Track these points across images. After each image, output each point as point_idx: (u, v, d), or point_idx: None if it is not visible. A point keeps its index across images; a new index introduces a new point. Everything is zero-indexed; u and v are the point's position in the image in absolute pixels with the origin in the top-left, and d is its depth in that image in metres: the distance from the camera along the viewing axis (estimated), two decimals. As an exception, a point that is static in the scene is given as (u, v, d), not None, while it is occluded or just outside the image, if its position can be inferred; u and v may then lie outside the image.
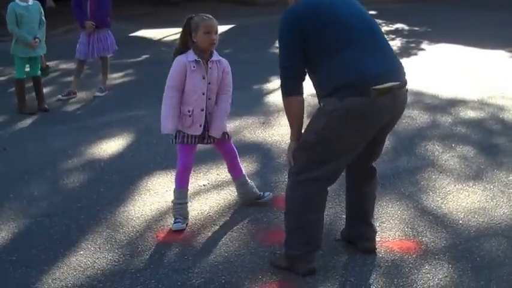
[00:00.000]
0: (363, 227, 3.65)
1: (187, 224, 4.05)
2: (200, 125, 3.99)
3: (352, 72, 3.11)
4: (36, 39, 6.96)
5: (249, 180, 4.37)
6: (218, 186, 4.75)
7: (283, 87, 3.32)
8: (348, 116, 3.11)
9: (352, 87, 3.08)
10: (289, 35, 3.23)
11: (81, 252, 3.75)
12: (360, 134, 3.21)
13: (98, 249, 3.78)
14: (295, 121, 3.38)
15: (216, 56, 4.04)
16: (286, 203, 3.45)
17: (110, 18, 8.01)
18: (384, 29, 14.02)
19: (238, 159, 4.33)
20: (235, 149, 4.31)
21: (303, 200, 3.33)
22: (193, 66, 3.93)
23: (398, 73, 3.26)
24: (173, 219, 4.07)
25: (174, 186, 4.15)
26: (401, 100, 3.29)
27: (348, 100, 3.08)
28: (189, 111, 3.96)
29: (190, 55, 3.94)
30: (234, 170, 4.32)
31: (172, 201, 4.12)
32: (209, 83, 4.00)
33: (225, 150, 4.28)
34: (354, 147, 3.26)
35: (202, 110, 3.98)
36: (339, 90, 3.11)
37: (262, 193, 4.38)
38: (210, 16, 3.98)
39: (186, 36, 3.97)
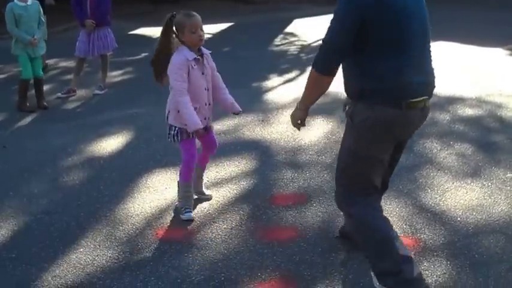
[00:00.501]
0: None
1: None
2: (205, 118, 4.08)
3: (395, 78, 2.95)
4: (35, 38, 6.97)
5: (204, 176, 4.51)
6: (217, 184, 4.76)
7: (319, 61, 3.04)
8: (377, 127, 3.02)
9: (387, 95, 2.95)
10: (350, 11, 2.91)
11: (81, 249, 3.76)
12: (386, 145, 3.14)
13: (98, 247, 3.79)
14: (312, 96, 3.22)
15: (204, 50, 4.09)
16: (357, 237, 3.31)
17: (110, 16, 8.02)
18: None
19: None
20: (216, 140, 4.39)
21: (368, 225, 3.20)
22: (194, 65, 3.96)
23: (432, 88, 3.15)
24: (181, 209, 4.11)
25: (178, 180, 4.19)
26: (426, 113, 3.19)
27: (379, 109, 2.97)
28: (195, 109, 3.98)
29: (189, 53, 3.95)
30: (205, 159, 4.43)
31: (178, 194, 4.17)
32: (206, 75, 4.06)
33: (209, 140, 4.32)
34: (381, 159, 3.17)
35: (205, 104, 4.06)
36: (373, 94, 2.97)
37: (205, 190, 4.49)
38: (193, 13, 3.98)
39: (168, 35, 3.98)
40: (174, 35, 3.98)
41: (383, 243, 3.13)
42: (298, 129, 3.42)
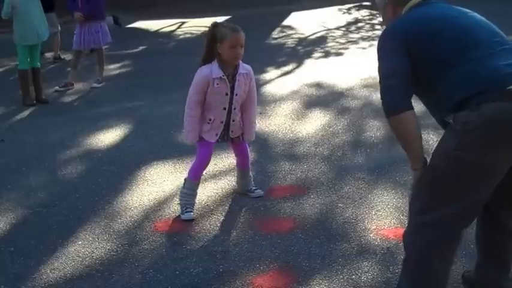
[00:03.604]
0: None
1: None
2: (216, 134, 4.05)
3: (481, 76, 2.49)
4: None
5: (251, 173, 4.42)
6: (216, 176, 4.77)
7: (389, 104, 2.75)
8: (486, 129, 2.43)
9: (486, 92, 2.44)
10: (393, 53, 2.69)
11: (80, 242, 3.77)
12: (501, 154, 2.49)
13: (96, 239, 3.80)
14: (413, 142, 2.76)
15: (242, 68, 4.02)
16: (406, 250, 2.78)
17: (104, 10, 7.99)
18: (372, 22, 13.99)
19: (249, 156, 4.38)
20: (247, 148, 4.35)
21: (430, 247, 2.64)
22: (217, 84, 3.91)
23: None
24: (183, 208, 4.07)
25: (186, 176, 4.17)
26: None
27: (484, 108, 2.41)
28: (210, 120, 4.00)
29: (215, 70, 3.90)
30: (241, 164, 4.37)
31: (181, 191, 4.15)
32: (236, 95, 4.00)
33: (238, 149, 4.31)
34: (493, 174, 2.54)
35: (221, 122, 4.03)
36: (469, 99, 2.46)
37: (254, 187, 4.40)
38: (238, 27, 3.90)
39: (211, 45, 3.90)
40: (215, 44, 3.88)
41: (438, 282, 2.72)
42: None
